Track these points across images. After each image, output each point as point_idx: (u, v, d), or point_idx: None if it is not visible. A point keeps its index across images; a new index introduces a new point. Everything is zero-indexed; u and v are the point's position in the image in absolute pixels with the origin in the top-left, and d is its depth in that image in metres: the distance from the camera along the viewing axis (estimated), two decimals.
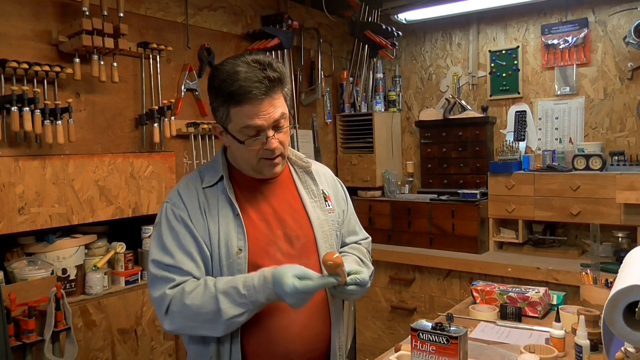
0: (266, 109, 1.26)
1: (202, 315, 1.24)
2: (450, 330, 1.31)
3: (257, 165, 1.35)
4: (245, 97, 1.24)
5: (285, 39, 3.03)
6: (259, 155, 1.32)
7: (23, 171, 1.99)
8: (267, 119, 1.27)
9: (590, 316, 1.57)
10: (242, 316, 1.24)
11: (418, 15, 3.43)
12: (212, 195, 1.36)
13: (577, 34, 3.07)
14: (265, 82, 1.25)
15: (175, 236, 1.31)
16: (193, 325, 1.27)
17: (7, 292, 1.86)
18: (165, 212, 1.34)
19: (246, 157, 1.34)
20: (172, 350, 2.47)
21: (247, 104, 1.25)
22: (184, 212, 1.33)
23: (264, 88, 1.25)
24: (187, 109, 2.70)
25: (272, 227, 1.37)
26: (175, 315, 1.27)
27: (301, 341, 1.35)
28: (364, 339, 3.41)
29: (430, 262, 3.09)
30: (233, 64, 1.27)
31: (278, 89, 1.29)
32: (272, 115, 1.28)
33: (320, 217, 1.44)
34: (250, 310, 1.25)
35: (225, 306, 1.23)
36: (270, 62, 1.28)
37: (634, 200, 2.54)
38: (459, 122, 3.35)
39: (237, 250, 1.31)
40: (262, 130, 1.28)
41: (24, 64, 1.98)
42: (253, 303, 1.24)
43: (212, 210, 1.34)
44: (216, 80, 1.29)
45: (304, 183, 1.48)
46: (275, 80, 1.27)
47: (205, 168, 1.43)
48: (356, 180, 3.56)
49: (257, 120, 1.26)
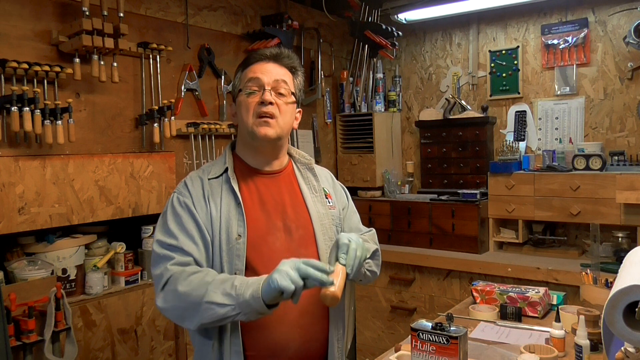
0: (269, 68, 1.42)
1: (190, 297, 1.26)
2: (450, 330, 1.31)
3: (252, 126, 1.41)
4: (254, 58, 1.45)
5: (285, 39, 3.03)
6: (256, 111, 1.40)
7: (23, 171, 1.99)
8: (267, 75, 1.41)
9: (590, 316, 1.57)
10: (223, 308, 1.22)
11: (418, 15, 3.43)
12: (216, 185, 1.43)
13: (577, 34, 3.07)
14: (274, 54, 1.45)
15: (179, 221, 1.37)
16: (180, 307, 1.28)
17: (7, 292, 1.86)
18: (172, 200, 1.43)
19: (244, 117, 1.42)
20: (172, 350, 2.46)
21: (255, 63, 1.44)
22: (189, 200, 1.40)
23: (268, 54, 1.45)
24: (187, 109, 2.71)
25: (272, 217, 1.42)
26: (169, 293, 1.29)
27: (299, 330, 1.37)
28: (364, 339, 3.42)
29: (430, 262, 3.09)
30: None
31: (285, 64, 1.45)
32: (274, 75, 1.42)
33: (320, 210, 1.49)
34: (232, 307, 1.22)
35: (212, 291, 1.24)
36: (283, 50, 1.48)
37: (634, 200, 2.54)
38: (459, 122, 3.35)
39: (236, 236, 1.36)
40: (261, 85, 1.40)
41: (24, 64, 1.98)
42: (239, 297, 1.21)
43: (215, 199, 1.40)
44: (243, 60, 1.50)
45: (305, 179, 1.54)
46: (283, 55, 1.46)
47: (212, 163, 1.52)
48: (356, 180, 3.56)
49: (259, 74, 1.41)
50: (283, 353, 1.36)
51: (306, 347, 1.38)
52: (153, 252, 1.37)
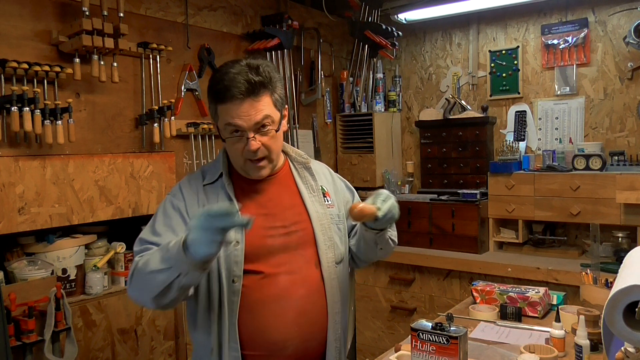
0: (246, 110, 1.31)
1: (140, 275, 1.24)
2: (450, 330, 1.31)
3: (244, 166, 1.39)
4: (225, 95, 1.31)
5: (285, 39, 3.03)
6: (244, 156, 1.36)
7: (23, 171, 1.98)
8: (246, 120, 1.31)
9: (590, 316, 1.57)
10: (162, 273, 1.18)
11: (418, 15, 3.43)
12: (212, 191, 1.42)
13: (577, 34, 3.07)
14: (245, 85, 1.29)
15: (168, 222, 1.36)
16: (137, 287, 1.26)
17: (7, 292, 1.86)
18: (164, 202, 1.42)
19: (233, 156, 1.40)
20: (172, 350, 2.47)
21: (229, 102, 1.31)
22: (182, 203, 1.39)
23: (243, 89, 1.29)
24: (187, 109, 2.70)
25: (270, 220, 1.41)
26: (133, 281, 1.28)
27: (297, 329, 1.37)
28: (364, 339, 3.42)
29: (430, 262, 3.09)
30: (229, 66, 1.34)
31: (262, 92, 1.32)
32: (253, 117, 1.31)
33: (319, 210, 1.48)
34: (170, 270, 1.17)
35: (151, 261, 1.22)
36: (258, 66, 1.33)
37: (634, 200, 2.54)
38: (459, 122, 3.35)
39: (234, 242, 1.35)
40: (243, 130, 1.32)
41: (24, 64, 1.98)
42: (170, 258, 1.17)
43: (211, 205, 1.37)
44: (212, 78, 1.37)
45: (303, 179, 1.52)
46: (257, 84, 1.31)
47: (207, 167, 1.49)
48: (356, 180, 3.56)
49: (237, 120, 1.31)
50: (281, 352, 1.36)
51: (304, 347, 1.38)
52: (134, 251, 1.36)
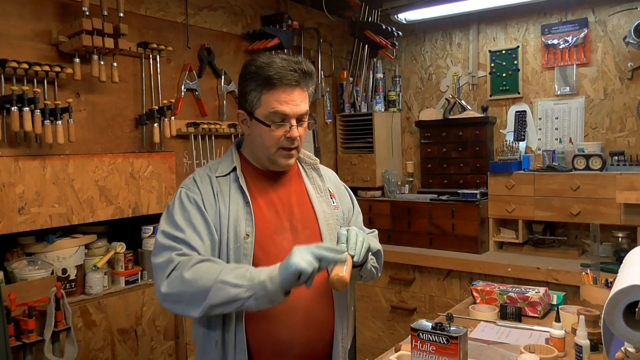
0: (295, 98, 1.36)
1: (200, 281, 1.23)
2: (450, 330, 1.31)
3: (274, 155, 1.40)
4: (280, 82, 1.33)
5: (285, 39, 3.03)
6: (279, 144, 1.38)
7: (23, 171, 1.98)
8: (294, 109, 1.36)
9: (590, 316, 1.57)
10: (236, 288, 1.20)
11: (418, 15, 3.43)
12: (224, 183, 1.42)
13: (577, 34, 3.07)
14: (299, 73, 1.35)
15: (186, 216, 1.35)
16: (187, 292, 1.25)
17: (7, 292, 1.86)
18: (179, 195, 1.40)
19: (266, 144, 1.39)
20: (172, 350, 2.46)
21: (280, 89, 1.34)
22: (198, 196, 1.39)
23: (297, 77, 1.34)
24: (187, 109, 2.70)
25: (280, 217, 1.43)
26: (174, 280, 1.26)
27: (304, 329, 1.37)
28: (364, 339, 3.42)
29: (430, 262, 3.09)
30: (269, 56, 1.38)
31: (308, 83, 1.39)
32: (300, 107, 1.37)
33: (326, 210, 1.50)
34: (246, 289, 1.20)
35: (225, 272, 1.22)
36: (301, 60, 1.39)
37: (634, 200, 2.54)
38: (459, 122, 3.35)
39: (244, 236, 1.36)
40: (287, 118, 1.35)
41: (24, 64, 1.98)
42: (253, 279, 1.20)
43: (224, 197, 1.40)
44: (253, 66, 1.37)
45: (311, 179, 1.55)
46: (307, 74, 1.37)
47: (218, 162, 1.50)
48: (356, 180, 3.56)
49: (286, 108, 1.34)
50: (288, 352, 1.36)
51: (311, 347, 1.39)
52: (156, 242, 1.35)
